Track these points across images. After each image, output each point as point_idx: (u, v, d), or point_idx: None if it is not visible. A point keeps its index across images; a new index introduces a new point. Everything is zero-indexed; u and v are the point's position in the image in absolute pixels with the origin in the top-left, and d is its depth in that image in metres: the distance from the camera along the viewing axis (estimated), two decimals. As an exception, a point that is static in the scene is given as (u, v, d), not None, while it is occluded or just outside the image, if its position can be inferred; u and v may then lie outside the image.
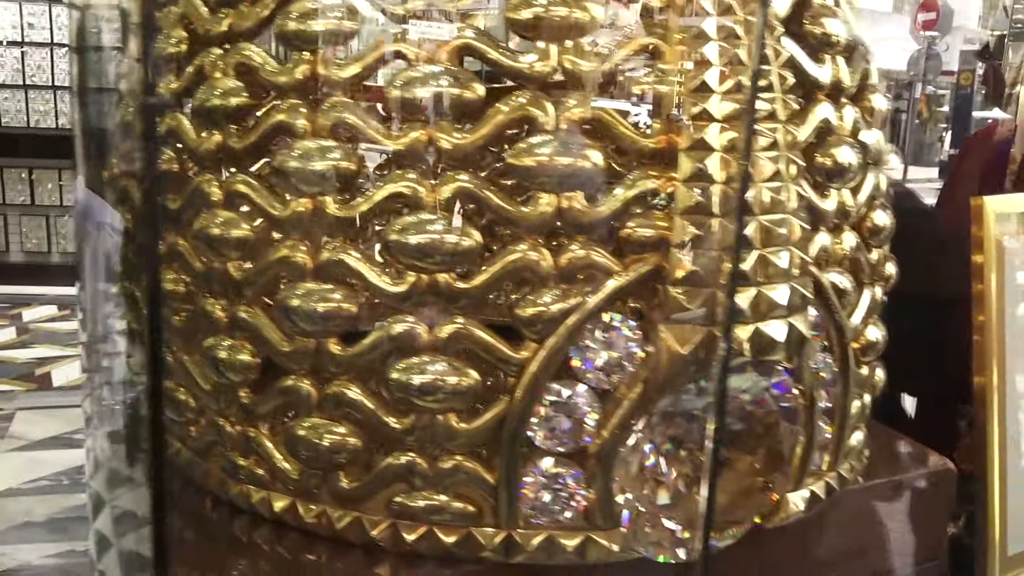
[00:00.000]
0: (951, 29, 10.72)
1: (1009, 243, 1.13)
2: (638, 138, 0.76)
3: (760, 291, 0.76)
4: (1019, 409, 1.16)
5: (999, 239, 1.12)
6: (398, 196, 0.76)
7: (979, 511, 1.14)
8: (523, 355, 0.76)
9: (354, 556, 0.83)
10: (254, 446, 0.85)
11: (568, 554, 0.79)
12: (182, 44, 0.86)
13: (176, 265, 0.88)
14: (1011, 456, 1.15)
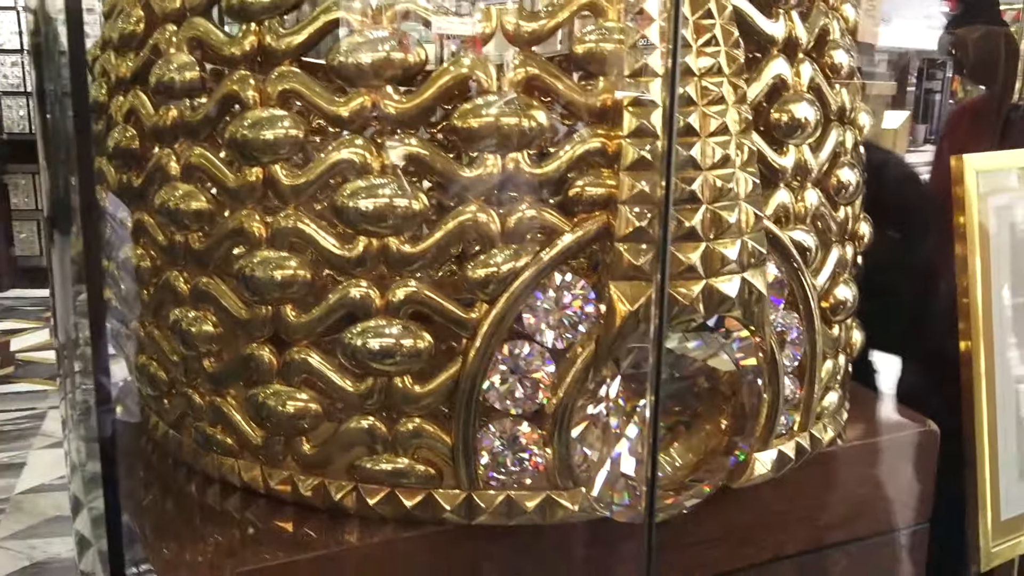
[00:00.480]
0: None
1: (995, 200, 1.12)
2: (582, 97, 0.76)
3: (709, 246, 0.76)
4: (1007, 371, 1.14)
5: (984, 195, 1.11)
6: (345, 162, 0.77)
7: (969, 476, 1.13)
8: (474, 316, 0.77)
9: (319, 520, 0.84)
10: (222, 415, 0.87)
11: (528, 514, 0.80)
12: (140, 23, 0.88)
13: (143, 240, 0.90)
14: (1001, 419, 1.14)
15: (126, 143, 0.89)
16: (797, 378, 0.91)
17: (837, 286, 0.94)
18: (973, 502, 1.14)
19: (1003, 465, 1.16)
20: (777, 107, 0.85)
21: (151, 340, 0.92)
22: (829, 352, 0.95)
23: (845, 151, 0.93)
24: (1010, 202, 1.12)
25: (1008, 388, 1.15)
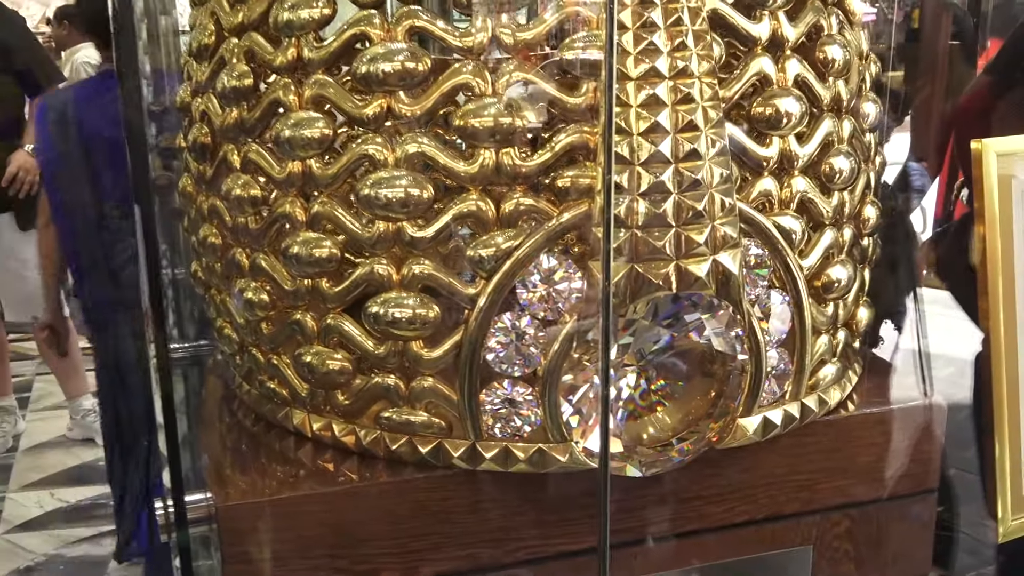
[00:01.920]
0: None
1: (1017, 183, 1.15)
2: (567, 97, 0.86)
3: (678, 230, 0.85)
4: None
5: (1004, 177, 1.14)
6: (367, 156, 0.90)
7: (988, 449, 1.17)
8: (474, 291, 0.89)
9: (353, 460, 0.98)
10: (277, 371, 1.02)
11: (521, 463, 0.92)
12: (211, 36, 1.03)
13: (216, 221, 1.06)
14: (1022, 394, 1.17)
15: (201, 139, 1.05)
16: (788, 352, 0.99)
17: (832, 266, 1.00)
18: (992, 475, 1.17)
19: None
20: (761, 101, 0.93)
21: (224, 306, 1.08)
22: (824, 328, 1.02)
23: (840, 139, 0.99)
24: (1033, 184, 1.14)
25: (1031, 365, 1.18)
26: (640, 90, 0.84)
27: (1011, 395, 1.15)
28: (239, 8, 0.99)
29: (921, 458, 1.10)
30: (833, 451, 1.06)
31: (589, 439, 0.92)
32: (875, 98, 1.07)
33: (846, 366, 1.09)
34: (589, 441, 0.92)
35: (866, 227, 1.07)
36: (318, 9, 0.91)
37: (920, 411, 1.09)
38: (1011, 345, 1.16)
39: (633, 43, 0.84)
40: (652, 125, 0.84)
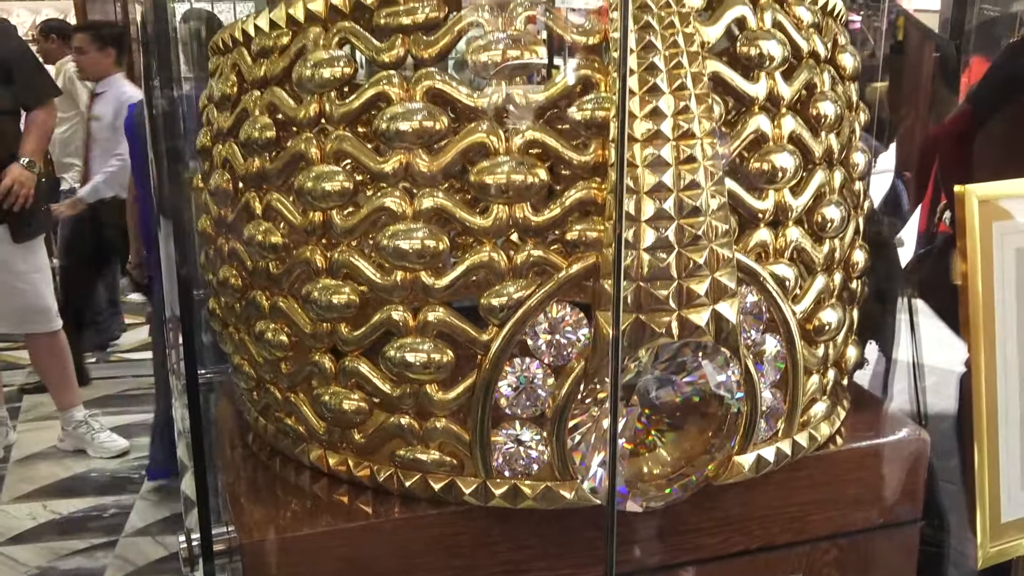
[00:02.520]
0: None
1: (999, 226, 1.21)
2: (576, 156, 0.92)
3: (680, 283, 0.90)
4: (1008, 381, 1.23)
5: (986, 221, 1.20)
6: (385, 209, 0.95)
7: (968, 478, 1.23)
8: (487, 337, 0.94)
9: (368, 496, 1.03)
10: (295, 408, 1.07)
11: (530, 499, 0.97)
12: (233, 87, 1.08)
13: (236, 264, 1.11)
14: (1002, 426, 1.23)
15: (223, 185, 1.09)
16: (780, 392, 1.04)
17: (822, 310, 1.06)
18: (972, 503, 1.23)
19: (1004, 469, 1.24)
20: (757, 157, 0.98)
21: (243, 344, 1.13)
22: (815, 368, 1.08)
23: (832, 190, 1.05)
24: (1013, 227, 1.20)
25: (1010, 396, 1.24)
26: (646, 151, 0.89)
27: (991, 431, 1.21)
28: (262, 62, 1.04)
29: (906, 489, 1.16)
30: (823, 484, 1.12)
31: (593, 477, 0.97)
32: (864, 147, 1.12)
33: (835, 402, 1.15)
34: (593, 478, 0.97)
35: (855, 271, 1.13)
36: (339, 68, 0.96)
37: (905, 444, 1.15)
38: (991, 382, 1.22)
39: (639, 106, 0.89)
40: (657, 184, 0.89)
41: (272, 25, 1.03)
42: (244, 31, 1.07)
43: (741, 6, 0.97)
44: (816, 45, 1.04)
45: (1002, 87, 2.17)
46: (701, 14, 0.95)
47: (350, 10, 0.97)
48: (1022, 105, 1.96)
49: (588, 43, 0.91)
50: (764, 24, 0.98)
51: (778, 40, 0.98)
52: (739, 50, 0.97)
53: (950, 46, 2.46)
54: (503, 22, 0.92)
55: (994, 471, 1.24)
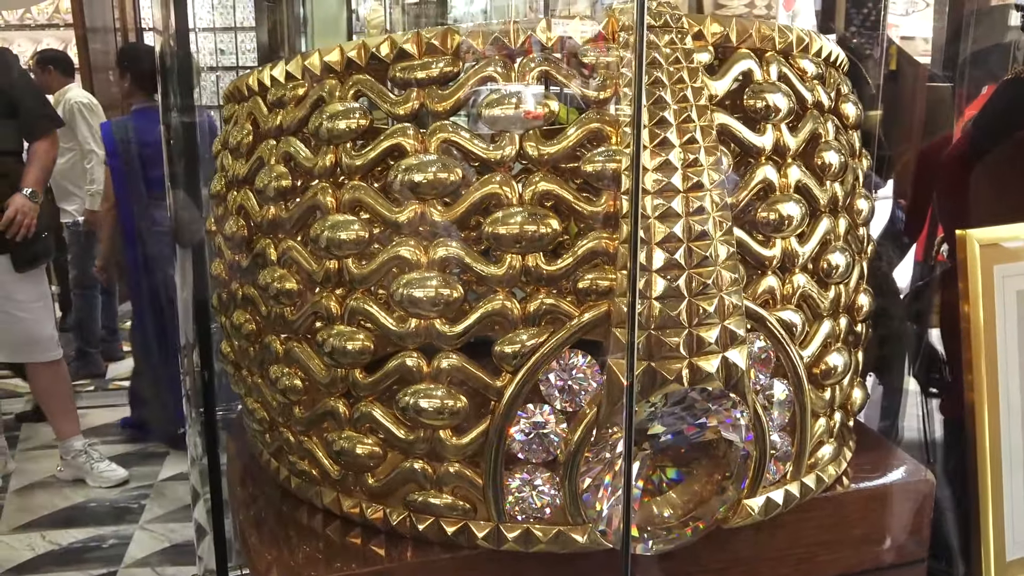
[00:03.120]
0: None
1: (1000, 269, 1.23)
2: (588, 206, 0.94)
3: (691, 331, 0.92)
4: (1011, 421, 1.25)
5: (989, 266, 1.22)
6: (400, 258, 0.96)
7: (973, 518, 1.24)
8: (500, 383, 0.95)
9: (381, 539, 1.04)
10: (308, 452, 1.08)
11: (542, 544, 0.98)
12: (249, 136, 1.10)
13: (250, 309, 1.12)
14: (1006, 466, 1.25)
15: (237, 231, 1.11)
16: (788, 435, 1.06)
17: (829, 354, 1.08)
18: (977, 542, 1.25)
19: (1008, 509, 1.26)
20: (765, 207, 1.00)
21: (256, 388, 1.14)
22: (822, 411, 1.09)
23: (837, 237, 1.07)
24: (1013, 269, 1.23)
25: (1013, 435, 1.26)
26: (656, 202, 0.91)
27: (994, 470, 1.23)
28: (278, 112, 1.06)
29: (913, 528, 1.17)
30: (831, 525, 1.13)
31: (605, 521, 0.98)
32: (867, 194, 1.15)
33: (841, 444, 1.16)
34: (604, 522, 0.99)
35: (860, 315, 1.14)
36: (355, 120, 0.98)
37: (911, 485, 1.16)
38: (994, 422, 1.24)
39: (650, 159, 0.91)
40: (668, 235, 0.91)
41: (288, 76, 1.05)
42: (260, 81, 1.09)
43: (747, 60, 0.99)
44: (820, 96, 1.06)
45: (996, 123, 2.20)
46: (709, 69, 0.97)
47: (365, 63, 0.99)
48: (1016, 142, 1.99)
49: (599, 97, 0.94)
50: (770, 77, 1.01)
51: (783, 92, 1.00)
52: (746, 103, 0.99)
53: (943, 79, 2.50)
54: (515, 76, 0.94)
55: (998, 509, 1.25)
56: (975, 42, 2.57)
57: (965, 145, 2.28)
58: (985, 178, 2.17)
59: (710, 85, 0.96)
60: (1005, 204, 1.84)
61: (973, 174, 2.20)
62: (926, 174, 2.31)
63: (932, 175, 2.29)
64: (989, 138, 2.20)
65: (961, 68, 2.60)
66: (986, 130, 2.25)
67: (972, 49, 2.67)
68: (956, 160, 2.26)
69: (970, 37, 2.56)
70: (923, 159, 2.27)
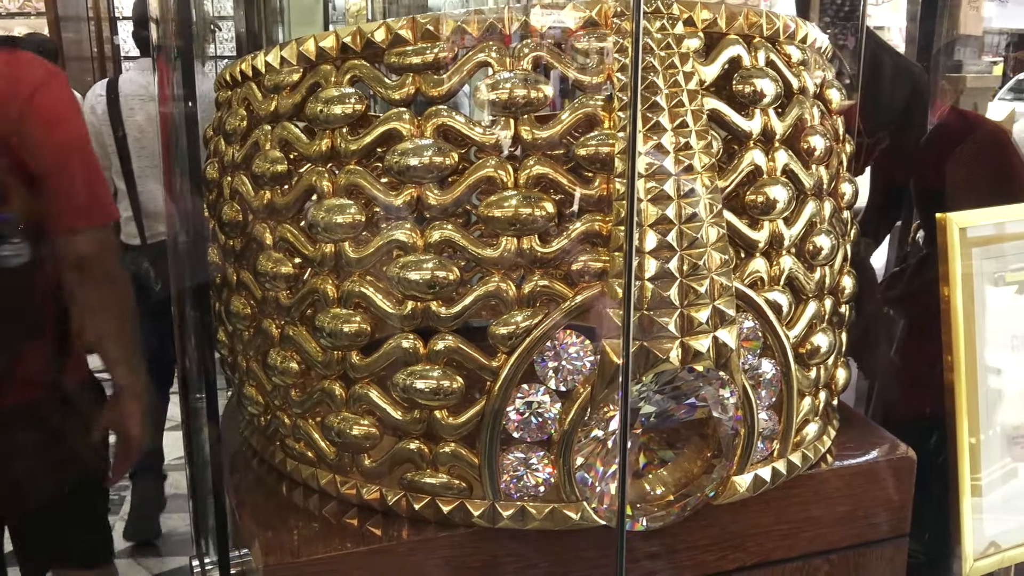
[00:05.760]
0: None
1: (978, 251, 1.26)
2: (582, 189, 0.95)
3: (683, 312, 0.94)
4: (988, 402, 1.28)
5: (967, 249, 1.25)
6: (397, 241, 0.98)
7: (952, 497, 1.28)
8: (496, 364, 0.97)
9: (377, 519, 1.06)
10: (304, 434, 1.09)
11: (537, 521, 1.00)
12: (243, 121, 1.11)
13: (245, 293, 1.13)
14: (984, 446, 1.28)
15: (232, 216, 1.12)
16: (776, 413, 1.09)
17: (814, 334, 1.10)
18: (956, 520, 1.28)
19: (987, 487, 1.29)
20: (753, 190, 1.02)
21: (252, 372, 1.15)
22: (808, 390, 1.12)
23: (822, 220, 1.10)
24: (993, 253, 1.26)
25: (992, 416, 1.29)
26: (649, 185, 0.93)
27: (973, 449, 1.26)
28: (273, 97, 1.07)
29: (893, 506, 1.20)
30: (815, 502, 1.16)
31: (599, 498, 1.00)
32: (851, 178, 1.17)
33: (826, 422, 1.19)
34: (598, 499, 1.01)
35: (843, 296, 1.17)
36: (351, 105, 1.00)
37: (892, 462, 1.19)
38: (973, 402, 1.27)
39: (643, 142, 0.93)
40: (660, 217, 0.93)
41: (283, 62, 1.06)
42: (254, 67, 1.10)
43: (736, 46, 1.02)
44: (806, 81, 1.09)
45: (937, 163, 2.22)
46: (699, 54, 0.99)
47: (361, 48, 1.00)
48: (968, 159, 2.05)
49: (592, 82, 0.95)
50: (758, 62, 1.03)
51: (771, 78, 1.03)
52: (734, 88, 1.01)
53: (923, 74, 2.53)
54: (510, 62, 0.95)
55: (976, 491, 1.29)
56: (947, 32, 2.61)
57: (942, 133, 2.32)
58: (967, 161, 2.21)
59: (700, 70, 0.98)
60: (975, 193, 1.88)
61: (949, 162, 2.24)
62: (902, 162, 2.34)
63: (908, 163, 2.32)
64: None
65: (935, 57, 2.64)
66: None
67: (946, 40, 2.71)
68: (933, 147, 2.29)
69: (943, 25, 2.59)
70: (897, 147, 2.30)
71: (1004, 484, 1.35)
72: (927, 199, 2.24)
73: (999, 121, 2.71)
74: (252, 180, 1.08)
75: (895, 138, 2.32)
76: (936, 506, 1.30)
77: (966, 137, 2.29)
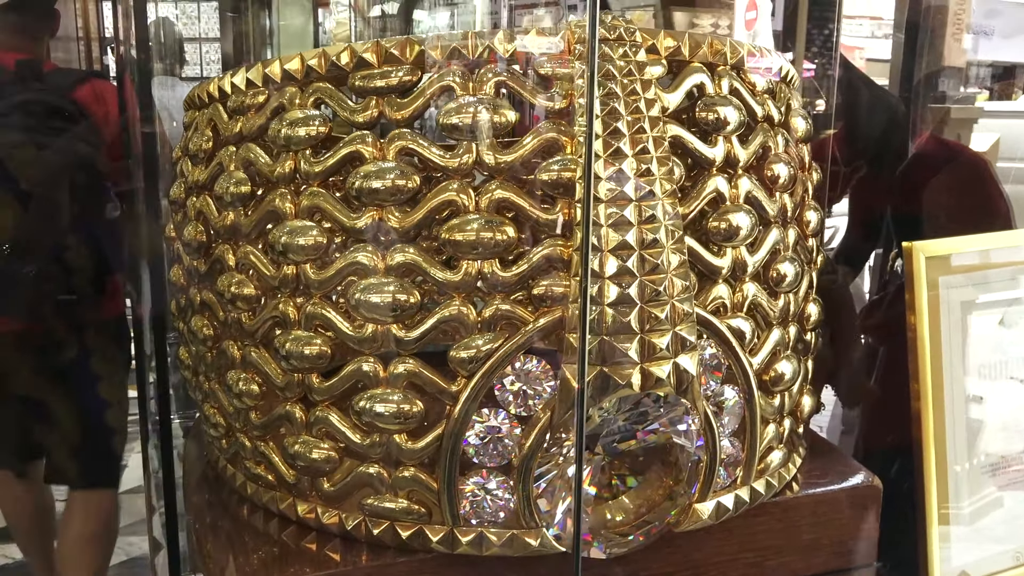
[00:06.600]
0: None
1: (945, 279, 1.26)
2: (542, 214, 0.95)
3: (643, 337, 0.94)
4: (956, 431, 1.28)
5: (934, 279, 1.25)
6: (358, 263, 0.97)
7: (920, 527, 1.27)
8: (456, 388, 0.97)
9: (336, 544, 1.05)
10: (264, 457, 1.09)
11: (496, 547, 0.99)
12: (209, 142, 1.10)
13: (208, 314, 1.13)
14: (951, 477, 1.28)
15: (196, 236, 1.11)
16: (739, 440, 1.08)
17: (778, 361, 1.10)
18: (924, 550, 1.28)
19: (954, 517, 1.29)
20: (716, 216, 1.02)
21: (213, 393, 1.14)
22: (772, 418, 1.12)
23: (786, 247, 1.10)
24: (959, 282, 1.26)
25: (958, 445, 1.29)
26: (609, 210, 0.93)
27: (940, 479, 1.26)
28: (238, 119, 1.07)
29: (861, 534, 1.20)
30: (779, 530, 1.15)
31: (558, 525, 1.00)
32: (816, 206, 1.18)
33: (791, 450, 1.19)
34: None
35: (808, 323, 1.17)
36: (315, 127, 1.00)
37: (860, 490, 1.19)
38: (940, 431, 1.27)
39: (603, 168, 0.93)
40: (620, 243, 0.93)
41: (249, 83, 1.06)
42: (220, 88, 1.10)
43: (700, 73, 1.02)
44: (770, 110, 1.09)
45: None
46: (662, 81, 1.00)
47: (325, 71, 1.00)
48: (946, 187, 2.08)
49: (555, 108, 0.96)
50: (721, 90, 1.03)
51: (734, 106, 1.03)
52: (698, 115, 1.02)
53: (899, 104, 2.55)
54: (473, 87, 0.96)
55: (944, 519, 1.29)
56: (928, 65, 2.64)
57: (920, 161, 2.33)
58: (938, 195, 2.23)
59: (663, 97, 0.99)
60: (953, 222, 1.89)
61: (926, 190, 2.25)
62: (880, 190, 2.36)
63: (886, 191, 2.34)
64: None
65: (916, 88, 2.66)
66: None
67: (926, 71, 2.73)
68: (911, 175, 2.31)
69: (924, 56, 2.62)
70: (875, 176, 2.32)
71: (988, 514, 1.35)
72: (905, 227, 2.26)
73: (983, 151, 2.74)
74: (216, 201, 1.08)
75: (872, 167, 2.33)
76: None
77: (944, 165, 2.31)
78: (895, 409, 2.11)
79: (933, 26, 2.69)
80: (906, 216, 2.29)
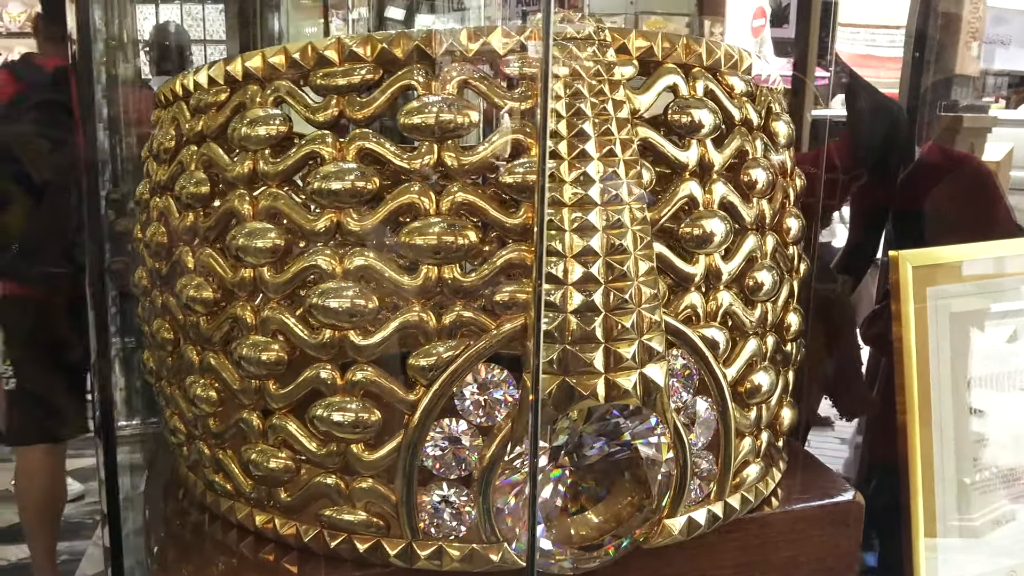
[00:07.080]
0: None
1: (932, 289, 1.23)
2: (505, 218, 0.92)
3: (607, 347, 0.90)
4: (943, 443, 1.24)
5: (920, 286, 1.21)
6: (316, 267, 0.94)
7: (905, 542, 1.23)
8: (414, 397, 0.93)
9: (294, 555, 1.01)
10: (222, 465, 1.06)
11: (456, 562, 0.96)
12: (172, 140, 1.08)
13: (168, 317, 1.10)
14: (939, 490, 1.24)
15: (157, 237, 1.09)
16: (713, 453, 1.04)
17: (755, 373, 1.07)
18: (910, 563, 1.23)
19: (942, 532, 1.25)
20: (688, 222, 0.99)
21: (174, 399, 1.11)
22: (748, 431, 1.08)
23: (764, 254, 1.06)
24: (946, 292, 1.22)
25: (946, 457, 1.25)
26: (573, 215, 0.90)
27: (927, 492, 1.22)
28: (200, 117, 1.04)
29: (840, 551, 1.16)
30: (756, 547, 1.12)
31: (520, 539, 0.96)
32: (798, 213, 1.14)
33: (769, 464, 1.15)
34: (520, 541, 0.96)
35: (788, 334, 1.13)
36: (275, 127, 0.97)
37: (841, 507, 1.15)
38: (927, 443, 1.23)
39: (568, 171, 0.90)
40: (584, 248, 0.89)
41: (211, 81, 1.03)
42: (184, 86, 1.07)
43: (673, 75, 0.99)
44: (749, 113, 1.06)
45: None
46: (633, 82, 0.96)
47: (286, 69, 0.97)
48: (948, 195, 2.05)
49: (520, 108, 0.92)
50: (696, 92, 1.00)
51: (709, 108, 0.99)
52: (670, 118, 0.98)
53: (901, 112, 2.51)
54: (436, 86, 0.93)
55: (931, 532, 1.24)
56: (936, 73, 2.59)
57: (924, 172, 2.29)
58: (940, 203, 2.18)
59: (633, 99, 0.95)
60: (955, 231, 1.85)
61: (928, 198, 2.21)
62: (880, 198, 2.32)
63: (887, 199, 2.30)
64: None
65: (923, 96, 2.62)
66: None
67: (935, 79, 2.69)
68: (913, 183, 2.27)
69: (931, 69, 2.58)
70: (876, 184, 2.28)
71: (999, 526, 1.32)
72: (907, 235, 2.22)
73: (996, 161, 2.69)
74: (176, 201, 1.05)
75: (873, 175, 2.29)
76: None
77: (947, 174, 2.27)
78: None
79: (945, 35, 2.65)
80: (908, 225, 2.25)
